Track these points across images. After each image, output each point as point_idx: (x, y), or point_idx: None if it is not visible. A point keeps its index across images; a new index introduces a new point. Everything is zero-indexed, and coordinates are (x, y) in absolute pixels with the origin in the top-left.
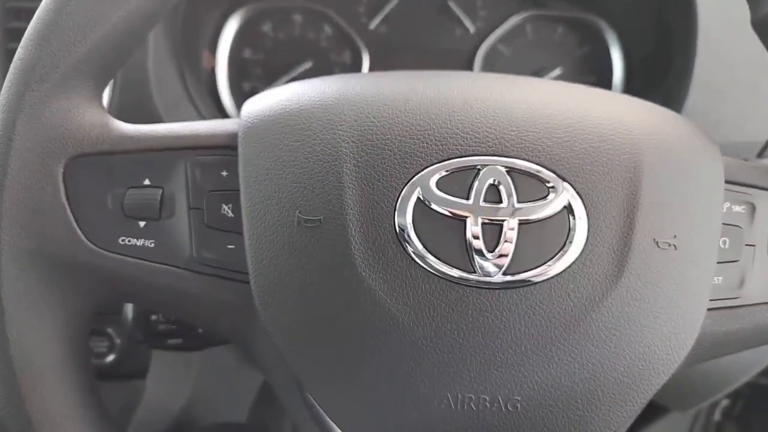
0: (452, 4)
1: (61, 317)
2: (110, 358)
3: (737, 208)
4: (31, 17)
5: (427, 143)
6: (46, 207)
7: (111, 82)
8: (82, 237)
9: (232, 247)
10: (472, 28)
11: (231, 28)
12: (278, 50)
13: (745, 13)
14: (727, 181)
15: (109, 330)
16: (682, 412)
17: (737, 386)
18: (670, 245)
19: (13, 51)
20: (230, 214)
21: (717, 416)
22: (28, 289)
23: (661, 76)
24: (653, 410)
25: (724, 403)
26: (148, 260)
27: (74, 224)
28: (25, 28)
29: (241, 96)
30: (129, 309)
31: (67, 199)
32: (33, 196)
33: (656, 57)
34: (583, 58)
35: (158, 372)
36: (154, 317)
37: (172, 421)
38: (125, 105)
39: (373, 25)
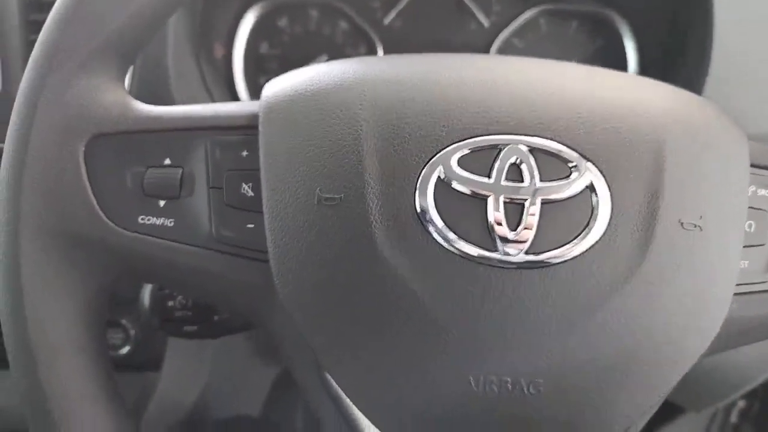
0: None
1: (80, 297)
2: (125, 349)
3: (763, 192)
4: (51, 10)
5: (449, 122)
6: (67, 186)
7: (129, 72)
8: (102, 216)
9: (252, 226)
10: (486, 23)
11: (248, 22)
12: (294, 45)
13: (761, 6)
14: (752, 165)
15: (124, 321)
16: (698, 413)
17: (753, 387)
18: (695, 226)
19: (34, 43)
20: (250, 193)
21: (734, 418)
22: (47, 267)
23: (676, 70)
24: (669, 410)
25: (741, 404)
26: (167, 239)
27: (94, 203)
28: (45, 20)
29: (257, 90)
30: (146, 295)
31: (88, 178)
32: (54, 175)
33: (671, 51)
34: (597, 52)
35: (172, 364)
36: (170, 303)
37: (185, 414)
38: (143, 95)
39: (387, 20)
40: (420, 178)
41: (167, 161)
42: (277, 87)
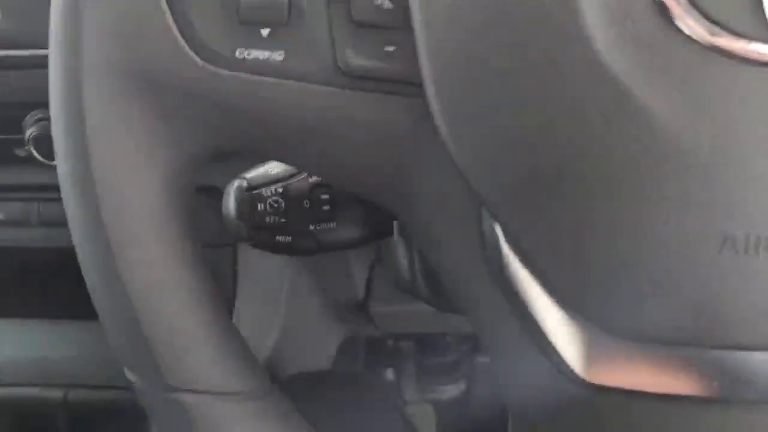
0: None
1: (161, 159)
2: None
3: None
4: None
5: None
6: (142, 13)
7: None
8: (188, 50)
9: (392, 48)
10: None
11: None
12: None
13: None
14: None
15: None
16: None
17: None
18: None
19: None
20: (387, 4)
21: None
22: (118, 119)
23: None
24: None
25: None
26: (275, 77)
27: (177, 34)
28: None
29: None
30: (230, 196)
31: (168, 3)
32: None
33: None
34: None
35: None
36: (260, 206)
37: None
38: None
39: None
40: None
41: None
42: None
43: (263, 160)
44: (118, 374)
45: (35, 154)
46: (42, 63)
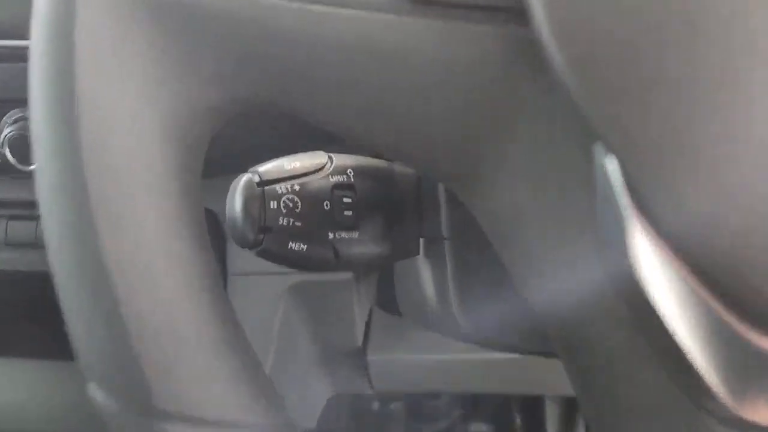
0: None
1: (165, 105)
2: None
3: None
4: None
5: None
6: None
7: None
8: None
9: None
10: None
11: None
12: None
13: None
14: None
15: None
16: None
17: None
18: None
19: None
20: None
21: None
22: (115, 50)
23: None
24: None
25: None
26: (325, 5)
27: None
28: None
29: None
30: (237, 191)
31: None
32: None
33: None
34: None
35: None
36: (273, 204)
37: None
38: None
39: None
40: None
41: None
42: None
43: (292, 117)
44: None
45: (9, 157)
46: (22, 55)
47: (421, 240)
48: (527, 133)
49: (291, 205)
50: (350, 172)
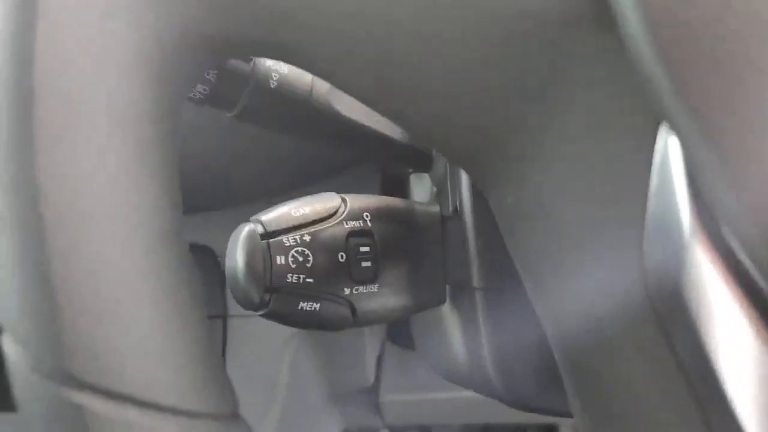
0: None
1: (143, 31)
2: None
3: None
4: None
5: None
6: None
7: None
8: None
9: None
10: None
11: None
12: None
13: None
14: None
15: None
16: None
17: None
18: None
19: None
20: None
21: None
22: None
23: None
24: None
25: None
26: None
27: None
28: None
29: None
30: (238, 245)
31: None
32: None
33: None
34: None
35: None
36: (279, 260)
37: None
38: None
39: None
40: None
41: None
42: None
43: (295, 63)
44: None
45: None
46: None
47: (447, 287)
48: (568, 123)
49: (301, 259)
50: (367, 216)
